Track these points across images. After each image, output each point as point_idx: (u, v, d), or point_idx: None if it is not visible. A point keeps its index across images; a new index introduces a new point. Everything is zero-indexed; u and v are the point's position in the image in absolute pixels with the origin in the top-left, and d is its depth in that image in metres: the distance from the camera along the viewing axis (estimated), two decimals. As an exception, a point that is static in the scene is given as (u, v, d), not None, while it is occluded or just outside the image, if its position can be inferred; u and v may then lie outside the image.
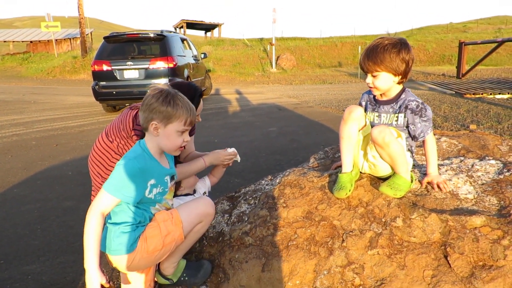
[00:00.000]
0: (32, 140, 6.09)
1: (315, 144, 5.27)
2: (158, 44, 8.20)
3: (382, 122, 1.96)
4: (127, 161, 1.51)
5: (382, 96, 1.97)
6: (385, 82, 1.85)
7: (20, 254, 2.62)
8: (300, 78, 18.49)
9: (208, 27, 34.30)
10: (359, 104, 2.11)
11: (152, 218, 1.64)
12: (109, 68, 7.86)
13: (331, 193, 2.00)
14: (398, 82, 1.87)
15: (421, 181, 2.00)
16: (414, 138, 1.92)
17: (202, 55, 11.40)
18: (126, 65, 7.85)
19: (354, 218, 1.85)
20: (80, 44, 21.91)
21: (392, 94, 1.93)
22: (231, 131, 6.50)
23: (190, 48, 10.34)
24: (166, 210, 1.69)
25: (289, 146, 5.32)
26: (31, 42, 30.99)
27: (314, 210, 1.96)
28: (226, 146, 2.46)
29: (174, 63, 7.94)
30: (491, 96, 9.03)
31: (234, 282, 1.81)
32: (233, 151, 2.34)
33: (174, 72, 7.93)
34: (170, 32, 8.94)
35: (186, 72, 8.62)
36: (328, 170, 2.38)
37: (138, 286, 1.72)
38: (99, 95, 8.03)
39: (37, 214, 3.26)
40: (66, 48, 29.78)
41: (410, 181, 1.89)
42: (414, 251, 1.62)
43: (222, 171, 2.47)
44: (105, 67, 7.87)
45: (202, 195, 2.27)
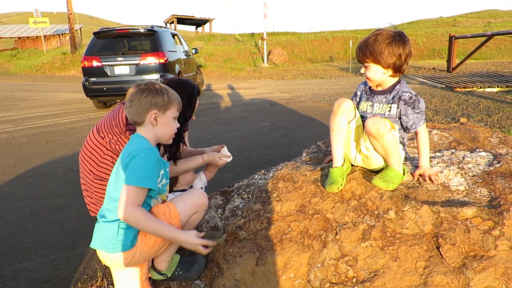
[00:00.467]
0: (22, 137, 6.02)
1: (307, 138, 5.28)
2: (149, 39, 8.11)
3: (375, 112, 1.98)
4: (145, 151, 1.55)
5: (377, 87, 1.99)
6: (375, 74, 1.89)
7: (11, 252, 2.59)
8: (291, 73, 18.48)
9: (199, 22, 34.15)
10: (355, 93, 2.15)
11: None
12: (99, 64, 7.76)
13: (323, 187, 2.01)
14: (392, 76, 1.89)
15: (413, 173, 2.02)
16: (406, 129, 1.93)
17: (193, 51, 11.33)
18: (116, 61, 7.75)
19: (347, 211, 1.86)
20: (69, 40, 21.63)
21: (386, 86, 1.95)
22: (223, 127, 6.49)
23: (181, 43, 10.26)
24: (162, 203, 1.70)
25: (281, 140, 5.33)
26: (19, 38, 30.55)
27: (307, 203, 1.97)
28: (218, 141, 2.49)
29: (165, 59, 7.87)
30: (481, 89, 9.12)
31: (228, 276, 1.82)
32: (227, 154, 2.46)
33: (165, 67, 7.86)
34: (161, 27, 8.84)
35: (177, 67, 8.55)
36: (320, 163, 2.39)
37: (133, 284, 1.71)
38: (90, 92, 7.93)
39: (28, 211, 3.23)
40: (55, 44, 29.40)
41: (402, 173, 1.91)
42: (406, 243, 1.64)
43: (216, 168, 2.57)
44: (95, 63, 7.77)
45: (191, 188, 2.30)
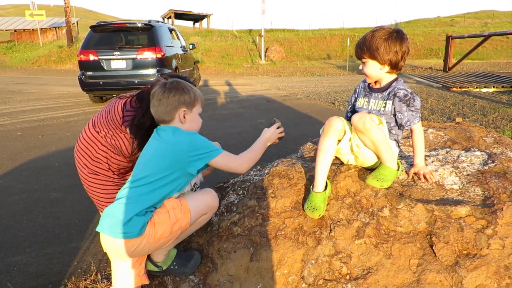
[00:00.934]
0: (17, 130, 5.98)
1: (304, 135, 5.29)
2: (146, 34, 8.07)
3: (370, 107, 2.00)
4: (193, 133, 1.71)
5: (376, 84, 2.01)
6: (372, 70, 1.91)
7: (5, 246, 2.59)
8: (289, 70, 18.47)
9: (196, 18, 33.96)
10: (354, 90, 2.17)
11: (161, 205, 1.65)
12: (96, 58, 7.72)
13: (303, 209, 1.91)
14: (389, 72, 1.90)
15: (407, 171, 2.02)
16: (400, 126, 1.94)
17: (191, 46, 11.29)
18: (113, 55, 7.71)
19: (341, 208, 1.86)
20: (66, 33, 21.43)
21: (384, 83, 1.97)
22: (220, 123, 6.48)
23: (179, 38, 10.22)
24: (174, 198, 1.70)
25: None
26: (15, 30, 30.23)
27: (302, 200, 1.98)
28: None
29: (162, 54, 7.84)
30: (477, 89, 9.16)
31: (223, 272, 1.82)
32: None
33: (162, 62, 7.82)
34: (158, 22, 8.80)
35: (174, 62, 8.52)
36: (316, 161, 2.39)
37: (132, 276, 1.71)
38: (86, 86, 7.89)
39: (22, 205, 3.21)
40: (52, 37, 29.14)
41: (397, 169, 1.91)
42: (400, 241, 1.64)
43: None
44: (91, 57, 7.72)
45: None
